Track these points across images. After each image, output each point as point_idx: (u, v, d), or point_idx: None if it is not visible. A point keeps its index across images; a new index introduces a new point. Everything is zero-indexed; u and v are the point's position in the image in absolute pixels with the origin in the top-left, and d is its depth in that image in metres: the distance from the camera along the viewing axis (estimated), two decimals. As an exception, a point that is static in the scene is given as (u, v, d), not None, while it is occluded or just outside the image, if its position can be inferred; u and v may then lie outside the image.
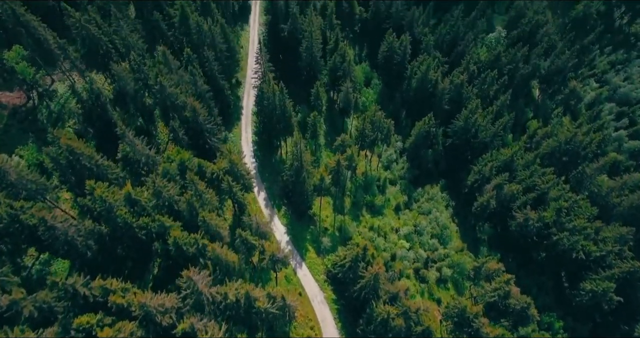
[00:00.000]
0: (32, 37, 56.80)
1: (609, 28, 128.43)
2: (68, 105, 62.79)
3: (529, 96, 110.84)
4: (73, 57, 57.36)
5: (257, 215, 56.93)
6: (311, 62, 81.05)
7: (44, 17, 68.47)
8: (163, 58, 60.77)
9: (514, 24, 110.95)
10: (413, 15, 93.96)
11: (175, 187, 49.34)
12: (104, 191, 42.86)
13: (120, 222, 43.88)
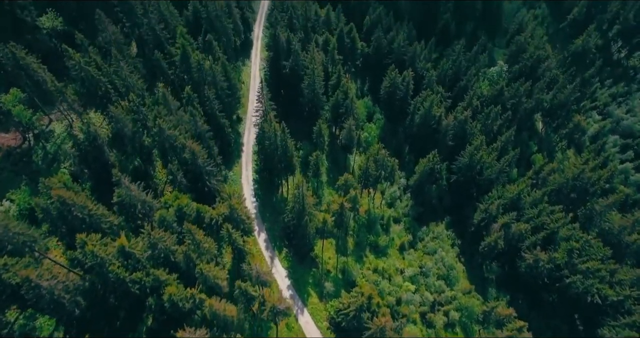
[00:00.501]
0: (31, 79, 55.77)
1: (608, 61, 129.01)
2: (64, 146, 61.12)
3: (532, 129, 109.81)
4: (70, 100, 56.05)
5: (258, 264, 54.16)
6: (313, 99, 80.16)
7: (45, 58, 68.25)
8: (162, 98, 59.57)
9: (514, 58, 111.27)
10: (415, 51, 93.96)
11: (171, 237, 46.93)
12: (96, 245, 40.42)
13: (112, 277, 41.23)
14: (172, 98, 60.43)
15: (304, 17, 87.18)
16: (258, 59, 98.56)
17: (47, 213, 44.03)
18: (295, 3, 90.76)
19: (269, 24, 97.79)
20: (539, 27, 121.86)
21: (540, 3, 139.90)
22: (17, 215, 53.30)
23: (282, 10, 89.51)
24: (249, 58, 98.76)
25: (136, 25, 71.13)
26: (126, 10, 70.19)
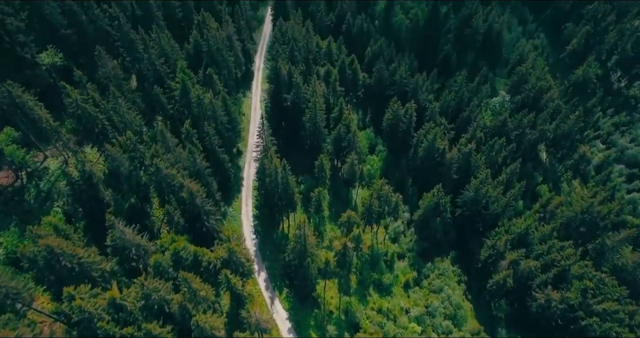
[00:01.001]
0: (27, 117, 54.27)
1: (608, 90, 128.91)
2: (58, 184, 59.11)
3: (536, 159, 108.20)
4: (65, 139, 54.42)
5: (258, 311, 51.25)
6: (315, 132, 78.83)
7: (43, 93, 67.23)
8: (161, 135, 57.95)
9: (516, 88, 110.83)
10: (417, 82, 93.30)
11: (166, 285, 44.28)
12: (84, 298, 37.80)
13: (100, 334, 38.40)
14: (170, 135, 58.88)
15: (305, 49, 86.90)
16: (259, 90, 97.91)
17: (34, 262, 41.58)
18: (297, 35, 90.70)
19: (270, 56, 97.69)
20: (539, 58, 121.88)
21: (538, 33, 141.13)
22: (4, 259, 50.76)
23: (283, 42, 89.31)
24: (250, 89, 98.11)
25: (136, 60, 70.40)
26: (126, 45, 69.59)
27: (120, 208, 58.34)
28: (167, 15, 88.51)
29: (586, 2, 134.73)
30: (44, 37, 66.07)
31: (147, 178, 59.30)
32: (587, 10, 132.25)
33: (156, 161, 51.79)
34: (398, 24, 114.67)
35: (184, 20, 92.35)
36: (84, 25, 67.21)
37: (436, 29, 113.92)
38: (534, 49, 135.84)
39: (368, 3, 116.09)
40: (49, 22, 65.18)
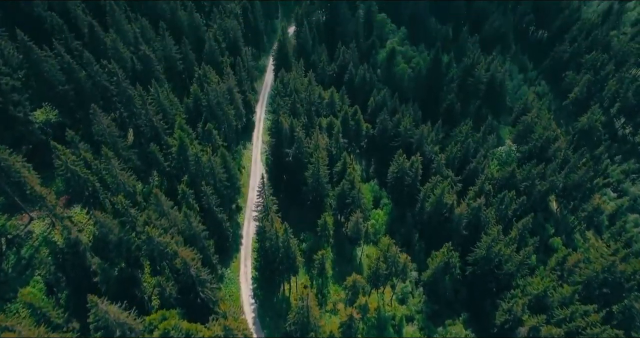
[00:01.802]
0: (12, 179, 51.01)
1: (613, 137, 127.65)
2: (42, 250, 54.93)
3: (547, 210, 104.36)
4: (51, 205, 50.87)
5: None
6: (317, 188, 75.51)
7: (34, 149, 64.64)
8: (155, 199, 54.45)
9: (522, 137, 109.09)
10: (422, 134, 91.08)
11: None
12: None
13: None
14: (165, 198, 55.31)
15: (308, 101, 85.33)
16: (260, 141, 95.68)
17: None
18: (299, 86, 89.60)
19: (271, 109, 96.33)
20: (543, 107, 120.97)
21: (539, 80, 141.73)
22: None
23: (284, 94, 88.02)
24: (251, 141, 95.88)
25: (134, 115, 68.29)
26: (124, 100, 67.75)
27: (108, 277, 53.81)
28: (168, 68, 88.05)
29: (584, 51, 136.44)
30: (40, 93, 64.28)
31: (138, 243, 55.25)
32: (586, 60, 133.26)
33: (148, 229, 47.94)
34: (400, 73, 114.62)
35: (185, 72, 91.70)
36: (82, 81, 65.59)
37: (439, 78, 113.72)
38: (536, 96, 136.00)
39: (370, 52, 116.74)
40: (46, 79, 63.54)
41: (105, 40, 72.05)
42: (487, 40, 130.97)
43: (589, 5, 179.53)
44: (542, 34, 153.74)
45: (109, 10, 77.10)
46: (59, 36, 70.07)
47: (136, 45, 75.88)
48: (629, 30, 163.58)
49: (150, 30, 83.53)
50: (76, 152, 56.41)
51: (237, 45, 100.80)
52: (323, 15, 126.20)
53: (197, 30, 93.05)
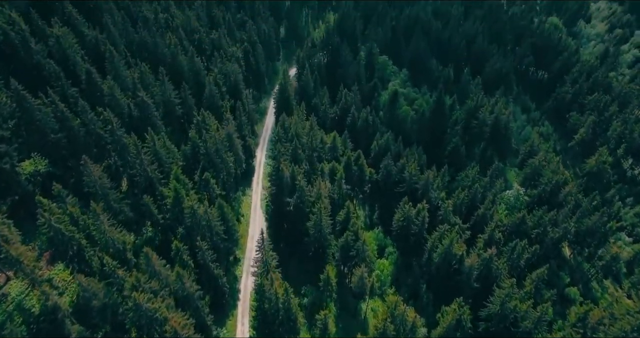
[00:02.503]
0: (-9, 238, 47.09)
1: (621, 177, 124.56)
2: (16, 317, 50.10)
3: (560, 257, 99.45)
4: (29, 270, 46.77)
5: None
6: (320, 239, 71.40)
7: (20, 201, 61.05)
8: (145, 259, 50.38)
9: (530, 181, 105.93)
10: (427, 180, 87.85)
11: None
12: None
13: None
14: (156, 257, 51.17)
15: (309, 146, 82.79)
16: (260, 187, 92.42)
17: None
18: (300, 131, 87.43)
19: (271, 154, 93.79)
20: (550, 149, 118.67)
21: (543, 121, 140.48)
22: None
23: (286, 139, 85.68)
24: (250, 186, 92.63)
25: (128, 164, 65.30)
26: (118, 148, 65.00)
27: (91, 345, 48.90)
28: (167, 112, 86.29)
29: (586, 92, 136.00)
30: (30, 143, 61.57)
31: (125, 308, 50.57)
32: (589, 101, 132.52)
33: (135, 295, 43.62)
34: (403, 115, 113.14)
35: (185, 116, 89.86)
36: (76, 129, 63.11)
37: (442, 120, 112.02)
38: (540, 137, 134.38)
39: (372, 95, 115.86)
40: (38, 128, 61.06)
41: (102, 86, 70.21)
42: (489, 82, 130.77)
43: (585, 47, 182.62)
44: (542, 75, 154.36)
45: (108, 56, 76.04)
46: (56, 83, 68.39)
47: (134, 91, 74.13)
48: (626, 71, 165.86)
49: (149, 76, 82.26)
50: (63, 206, 52.87)
51: (237, 89, 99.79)
52: (324, 58, 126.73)
53: (198, 74, 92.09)
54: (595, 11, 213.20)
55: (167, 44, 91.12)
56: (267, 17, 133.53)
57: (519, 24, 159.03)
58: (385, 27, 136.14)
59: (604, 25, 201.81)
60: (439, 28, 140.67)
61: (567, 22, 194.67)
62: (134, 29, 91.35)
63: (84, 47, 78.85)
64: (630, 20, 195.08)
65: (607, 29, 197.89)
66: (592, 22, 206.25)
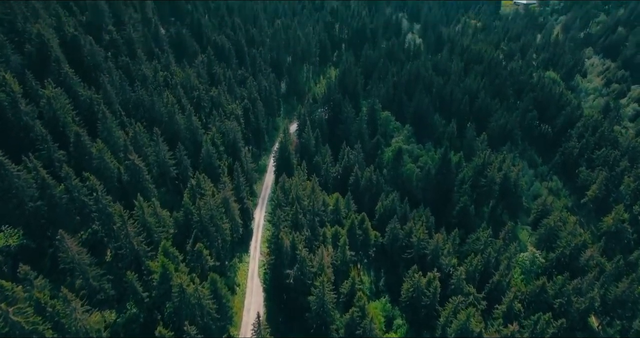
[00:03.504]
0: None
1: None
2: None
3: (587, 329, 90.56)
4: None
5: None
6: (322, 314, 64.04)
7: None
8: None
9: (545, 242, 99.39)
10: (437, 245, 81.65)
11: None
12: None
13: None
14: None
15: (311, 211, 77.42)
16: (258, 252, 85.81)
17: None
18: (301, 193, 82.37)
19: (270, 218, 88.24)
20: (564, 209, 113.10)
21: (551, 176, 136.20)
22: None
23: (285, 203, 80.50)
24: (247, 251, 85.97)
25: (113, 235, 59.56)
26: (103, 218, 59.57)
27: None
28: (161, 173, 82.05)
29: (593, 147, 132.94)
30: (4, 212, 56.32)
31: None
32: (597, 156, 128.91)
33: None
34: (408, 173, 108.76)
35: (180, 177, 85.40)
36: (57, 197, 58.12)
37: (449, 178, 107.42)
38: (550, 192, 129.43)
39: (375, 152, 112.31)
40: (15, 196, 56.11)
41: (91, 150, 66.16)
42: (494, 137, 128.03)
43: (584, 101, 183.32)
44: (546, 129, 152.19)
45: (101, 117, 72.90)
46: (42, 146, 64.49)
47: (126, 153, 70.02)
48: (629, 124, 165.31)
49: (143, 136, 78.77)
50: (30, 290, 46.52)
51: (236, 147, 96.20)
52: (326, 113, 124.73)
53: (195, 133, 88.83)
54: (590, 66, 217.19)
55: (165, 103, 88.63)
56: (269, 74, 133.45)
57: (519, 79, 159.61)
58: (386, 82, 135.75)
59: (600, 79, 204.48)
60: (440, 83, 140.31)
61: (564, 76, 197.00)
62: (131, 88, 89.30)
63: (78, 107, 76.16)
64: (625, 75, 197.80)
65: (603, 84, 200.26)
66: (588, 76, 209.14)
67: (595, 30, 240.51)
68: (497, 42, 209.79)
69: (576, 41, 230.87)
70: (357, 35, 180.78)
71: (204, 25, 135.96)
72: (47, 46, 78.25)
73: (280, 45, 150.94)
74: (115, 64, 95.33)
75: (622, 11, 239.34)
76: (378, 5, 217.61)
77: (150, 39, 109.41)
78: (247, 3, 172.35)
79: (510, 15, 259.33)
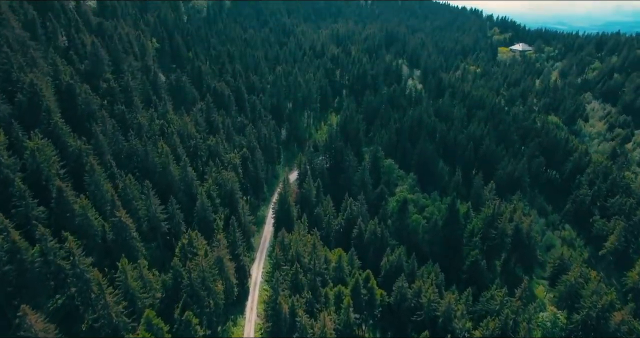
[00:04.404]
0: None
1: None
2: None
3: None
4: None
5: None
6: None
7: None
8: None
9: (565, 301, 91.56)
10: (449, 306, 74.50)
11: None
12: None
13: None
14: None
15: (312, 271, 71.09)
16: (254, 314, 78.15)
17: None
18: (301, 250, 76.41)
19: (268, 281, 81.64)
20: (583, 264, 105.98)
21: (563, 224, 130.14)
22: None
23: (284, 261, 74.37)
24: (243, 313, 78.34)
25: (90, 304, 53.09)
26: (79, 285, 53.33)
27: None
28: (152, 228, 76.51)
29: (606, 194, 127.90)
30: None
31: None
32: (611, 204, 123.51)
33: None
34: (414, 225, 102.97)
35: (172, 231, 79.85)
36: (28, 262, 52.26)
37: (457, 230, 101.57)
38: (564, 243, 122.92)
39: (379, 203, 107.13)
40: (-18, 262, 50.33)
41: (73, 206, 61.07)
42: (502, 185, 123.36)
43: (589, 146, 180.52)
44: (554, 175, 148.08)
45: (88, 170, 68.43)
46: (19, 202, 59.43)
47: (112, 209, 64.85)
48: (637, 170, 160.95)
49: (134, 189, 74.01)
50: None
51: (233, 198, 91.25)
52: (327, 161, 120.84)
53: (190, 185, 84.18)
54: (590, 111, 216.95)
55: (159, 153, 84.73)
56: (269, 121, 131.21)
57: (523, 124, 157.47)
58: (389, 129, 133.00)
59: (603, 124, 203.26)
60: (443, 129, 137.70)
61: (566, 121, 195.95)
62: (125, 137, 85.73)
63: (65, 158, 71.83)
64: (627, 120, 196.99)
65: (606, 128, 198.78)
66: (590, 121, 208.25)
67: (592, 76, 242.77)
68: (497, 87, 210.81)
69: (574, 86, 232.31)
70: (358, 81, 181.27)
71: (204, 72, 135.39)
72: (39, 95, 75.36)
73: (280, 92, 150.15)
74: (111, 112, 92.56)
75: (616, 58, 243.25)
76: (378, 52, 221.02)
77: (148, 87, 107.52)
78: (248, 50, 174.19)
79: (508, 61, 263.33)
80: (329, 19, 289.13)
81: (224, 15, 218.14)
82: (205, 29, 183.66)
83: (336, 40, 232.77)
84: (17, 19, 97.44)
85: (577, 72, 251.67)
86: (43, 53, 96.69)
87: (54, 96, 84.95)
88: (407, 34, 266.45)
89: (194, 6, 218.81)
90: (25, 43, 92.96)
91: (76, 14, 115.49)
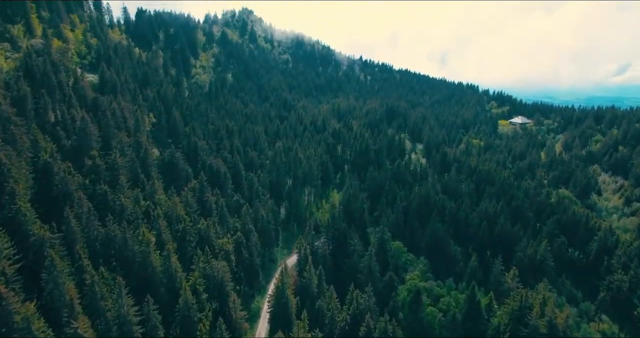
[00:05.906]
0: None
1: None
2: None
3: None
4: None
5: None
6: None
7: None
8: None
9: None
10: None
11: None
12: None
13: None
14: None
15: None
16: None
17: None
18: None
19: None
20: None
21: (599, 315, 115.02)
22: None
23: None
24: None
25: None
26: None
27: None
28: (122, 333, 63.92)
29: None
30: None
31: None
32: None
33: None
34: (429, 319, 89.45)
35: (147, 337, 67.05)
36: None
37: (479, 325, 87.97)
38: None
39: (388, 293, 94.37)
40: None
41: (15, 318, 49.72)
42: (523, 269, 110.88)
43: (609, 221, 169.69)
44: (578, 255, 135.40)
45: (48, 265, 58.09)
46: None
47: (69, 318, 53.40)
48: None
49: (103, 286, 62.98)
50: None
51: (223, 291, 79.62)
52: (329, 245, 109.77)
53: (173, 279, 73.04)
54: (602, 184, 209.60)
55: (139, 240, 74.86)
56: (267, 200, 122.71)
57: (536, 199, 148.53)
58: (395, 208, 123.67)
59: (618, 198, 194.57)
60: (453, 208, 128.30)
61: (579, 194, 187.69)
62: (101, 223, 76.48)
63: (25, 250, 61.95)
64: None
65: (623, 202, 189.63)
66: (604, 195, 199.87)
67: (596, 149, 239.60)
68: (502, 161, 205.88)
69: (580, 159, 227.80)
70: (360, 156, 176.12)
71: (200, 147, 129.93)
72: (6, 176, 67.62)
73: (280, 168, 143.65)
74: (92, 192, 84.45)
75: (617, 131, 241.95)
76: (380, 126, 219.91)
77: (137, 164, 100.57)
78: (248, 125, 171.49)
79: (510, 133, 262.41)
80: (330, 94, 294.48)
81: (225, 90, 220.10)
82: (205, 103, 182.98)
83: (337, 115, 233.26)
84: (5, 95, 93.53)
85: (580, 144, 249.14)
86: (27, 129, 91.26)
87: (30, 175, 77.93)
88: (407, 108, 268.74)
89: (196, 82, 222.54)
90: (9, 119, 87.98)
91: (71, 90, 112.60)
